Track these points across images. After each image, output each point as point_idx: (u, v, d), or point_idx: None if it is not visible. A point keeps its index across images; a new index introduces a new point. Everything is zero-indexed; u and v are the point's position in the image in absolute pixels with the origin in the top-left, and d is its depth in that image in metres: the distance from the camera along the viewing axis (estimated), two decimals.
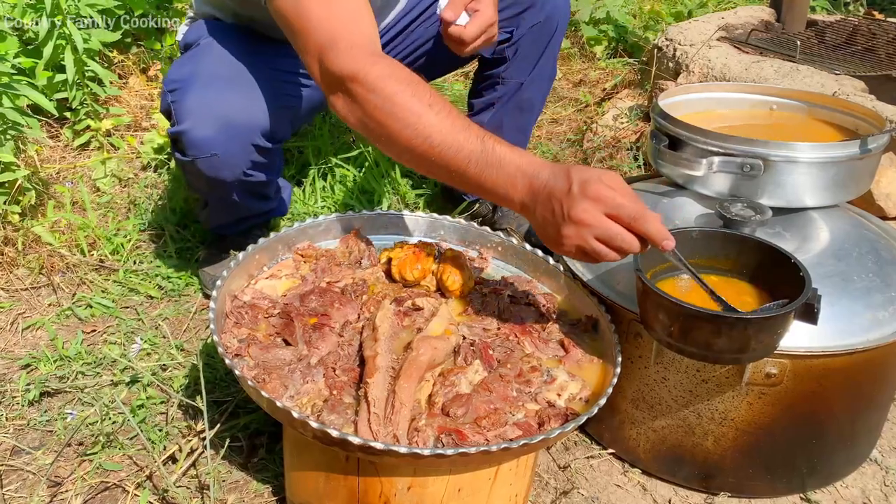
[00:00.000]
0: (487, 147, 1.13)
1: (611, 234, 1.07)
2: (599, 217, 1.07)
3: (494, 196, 1.15)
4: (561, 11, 1.73)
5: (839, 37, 2.54)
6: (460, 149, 1.13)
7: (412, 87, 1.15)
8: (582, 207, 1.06)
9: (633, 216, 1.06)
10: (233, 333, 1.19)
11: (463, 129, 1.14)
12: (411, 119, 1.13)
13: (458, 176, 1.15)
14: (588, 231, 1.07)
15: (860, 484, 1.39)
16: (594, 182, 1.06)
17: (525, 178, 1.11)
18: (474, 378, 1.16)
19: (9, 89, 1.85)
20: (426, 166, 1.17)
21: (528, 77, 1.78)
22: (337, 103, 1.21)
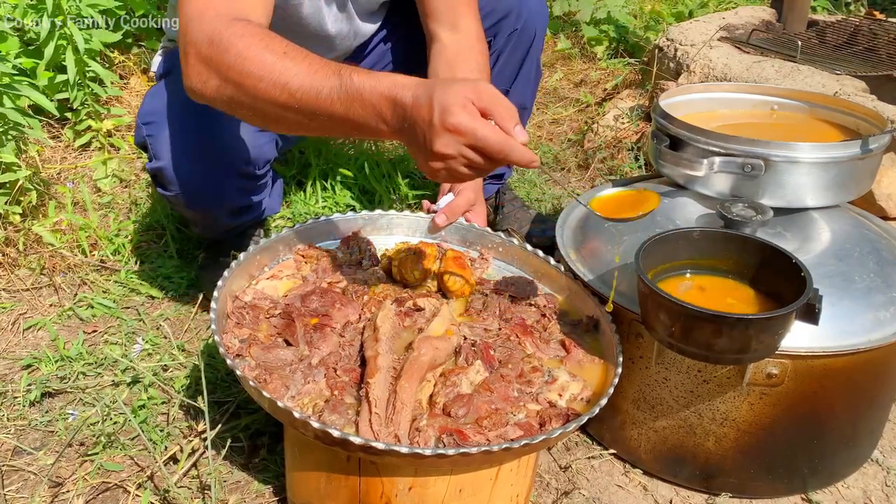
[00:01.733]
0: (345, 80, 1.05)
1: (475, 165, 1.02)
2: (462, 149, 1.00)
3: (368, 131, 1.08)
4: (538, 17, 1.74)
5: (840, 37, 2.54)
6: (321, 89, 1.05)
7: (265, 40, 1.09)
8: (443, 141, 0.99)
9: (497, 150, 1.00)
10: (234, 334, 1.19)
11: (319, 69, 1.07)
12: (264, 71, 1.07)
13: (326, 120, 1.08)
14: (454, 162, 1.02)
15: (861, 484, 1.39)
16: (454, 110, 0.98)
17: (389, 103, 1.03)
18: (475, 378, 1.17)
19: (10, 90, 1.85)
20: (295, 122, 1.10)
21: (511, 84, 1.79)
22: (192, 77, 1.14)
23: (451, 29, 1.57)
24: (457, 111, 0.98)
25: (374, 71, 1.07)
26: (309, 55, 1.09)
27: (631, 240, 1.38)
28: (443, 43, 1.58)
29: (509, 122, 1.02)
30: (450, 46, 1.57)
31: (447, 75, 1.55)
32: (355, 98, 1.04)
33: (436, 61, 1.58)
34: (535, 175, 2.42)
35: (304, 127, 1.12)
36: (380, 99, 1.04)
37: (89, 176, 2.23)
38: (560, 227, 1.52)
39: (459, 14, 1.56)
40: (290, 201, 2.14)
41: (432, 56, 1.59)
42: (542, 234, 1.96)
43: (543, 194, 2.34)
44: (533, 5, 1.72)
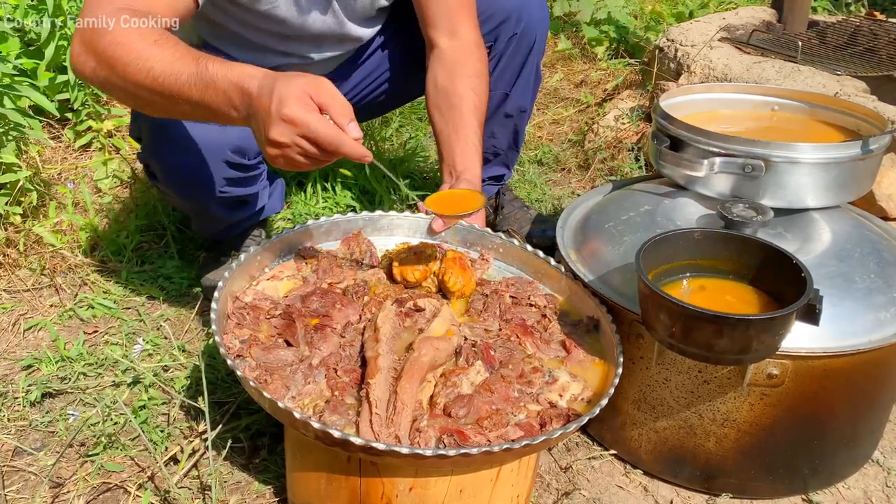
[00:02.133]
0: (201, 67, 1.12)
1: (309, 154, 1.08)
2: (295, 139, 1.06)
3: (222, 116, 1.14)
4: (538, 22, 1.74)
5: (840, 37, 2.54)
6: (180, 74, 1.12)
7: (141, 30, 1.17)
8: (278, 130, 1.06)
9: (329, 142, 1.06)
10: (234, 334, 1.19)
11: (181, 57, 1.14)
12: (132, 56, 1.15)
13: (185, 105, 1.15)
14: (289, 150, 1.08)
15: (862, 485, 1.39)
16: (291, 101, 1.05)
17: (238, 91, 1.10)
18: (476, 379, 1.17)
19: (10, 90, 1.85)
20: (160, 105, 1.18)
21: (512, 87, 1.80)
22: (74, 58, 1.22)
23: (450, 36, 1.58)
24: (292, 103, 1.05)
25: (229, 61, 1.14)
26: (179, 45, 1.17)
27: (631, 240, 1.38)
28: (441, 49, 1.59)
29: (343, 118, 1.08)
30: (448, 53, 1.58)
31: (446, 81, 1.56)
32: (209, 85, 1.11)
33: (434, 67, 1.60)
34: (535, 176, 2.42)
35: (170, 111, 1.20)
36: (230, 86, 1.10)
37: (90, 176, 2.24)
38: (560, 228, 1.52)
39: (458, 21, 1.58)
40: (291, 202, 2.15)
41: (431, 62, 1.61)
42: (542, 234, 1.96)
43: (544, 195, 2.34)
44: (534, 11, 1.73)
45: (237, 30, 1.57)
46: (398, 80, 1.82)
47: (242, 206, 1.69)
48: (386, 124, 2.60)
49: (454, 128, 1.55)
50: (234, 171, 1.53)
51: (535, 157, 2.57)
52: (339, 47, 1.68)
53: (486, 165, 1.95)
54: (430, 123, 1.63)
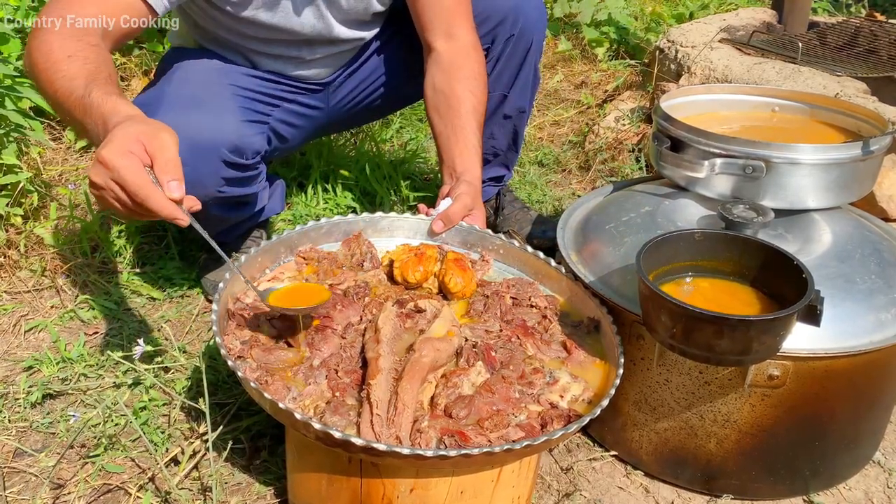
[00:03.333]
0: (87, 92, 1.16)
1: (121, 200, 1.06)
2: (109, 182, 1.05)
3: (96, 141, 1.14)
4: (535, 22, 1.75)
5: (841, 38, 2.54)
6: (70, 94, 1.17)
7: (64, 41, 1.23)
8: (95, 170, 1.05)
9: (134, 192, 1.04)
10: (235, 335, 1.19)
11: (76, 78, 1.18)
12: (48, 63, 1.21)
13: (75, 123, 1.20)
14: (105, 192, 1.06)
15: (863, 486, 1.39)
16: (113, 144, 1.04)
17: (102, 126, 1.12)
18: (477, 380, 1.17)
19: (11, 91, 1.85)
20: (61, 114, 1.23)
21: (510, 88, 1.80)
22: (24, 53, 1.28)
23: (447, 38, 1.59)
24: (113, 146, 1.05)
25: (116, 95, 1.16)
26: (88, 62, 1.22)
27: (632, 241, 1.38)
28: (439, 52, 1.60)
29: (164, 174, 1.06)
30: (445, 55, 1.59)
31: (444, 84, 1.57)
32: (88, 111, 1.16)
33: (432, 70, 1.61)
34: (536, 177, 2.42)
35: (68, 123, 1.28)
36: (99, 118, 1.15)
37: None
38: (561, 229, 1.52)
39: (454, 24, 1.58)
40: (292, 203, 2.15)
41: (429, 65, 1.61)
42: (542, 235, 1.96)
43: (544, 196, 2.34)
44: (530, 12, 1.73)
45: (225, 35, 1.57)
46: (397, 83, 1.82)
47: (242, 206, 1.69)
48: (386, 126, 2.61)
49: (453, 129, 1.55)
50: (232, 170, 1.53)
51: (535, 158, 2.57)
52: (332, 48, 1.68)
53: (486, 166, 1.95)
54: (430, 126, 1.63)
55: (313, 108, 1.77)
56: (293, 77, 1.68)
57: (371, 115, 2.02)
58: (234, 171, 1.54)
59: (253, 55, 1.63)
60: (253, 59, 1.64)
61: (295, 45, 1.62)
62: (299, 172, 2.24)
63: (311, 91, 1.74)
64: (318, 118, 1.80)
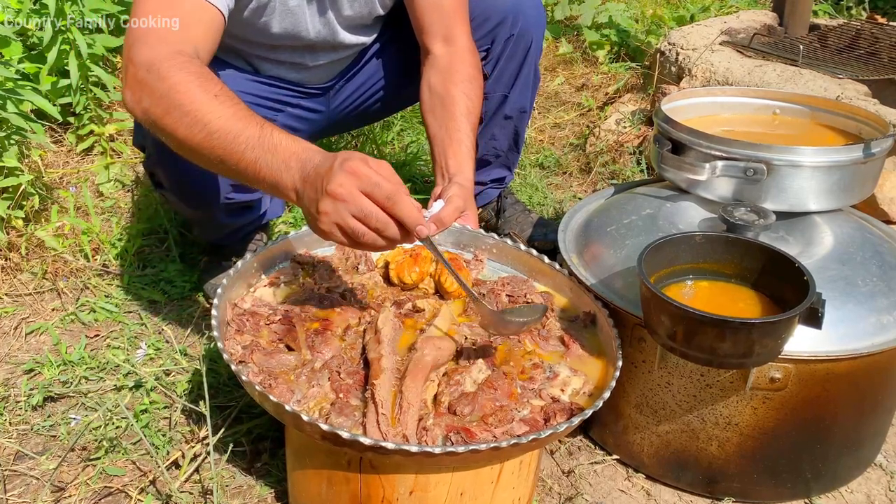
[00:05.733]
0: (265, 133, 1.11)
1: (365, 211, 1.04)
2: (354, 192, 1.04)
3: (269, 183, 1.12)
4: (534, 23, 1.75)
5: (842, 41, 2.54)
6: (238, 135, 1.12)
7: (201, 79, 1.16)
8: (338, 181, 1.03)
9: (388, 195, 1.04)
10: (236, 340, 1.19)
11: (244, 118, 1.13)
12: (191, 107, 1.13)
13: (235, 163, 1.13)
14: (344, 206, 1.04)
15: (865, 489, 1.39)
16: (354, 159, 1.05)
17: (299, 162, 1.09)
18: (478, 377, 1.17)
19: (13, 94, 1.85)
20: (206, 157, 1.16)
21: (510, 89, 1.80)
22: (126, 93, 1.20)
23: (445, 42, 1.60)
24: (357, 160, 1.05)
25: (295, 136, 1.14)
26: (239, 102, 1.16)
27: (633, 244, 1.38)
28: (436, 55, 1.61)
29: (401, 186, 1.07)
30: (443, 59, 1.60)
31: (440, 86, 1.58)
32: (269, 150, 1.11)
33: (429, 73, 1.61)
34: (536, 179, 2.42)
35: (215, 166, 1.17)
36: (290, 156, 1.10)
37: (92, 180, 2.24)
38: (562, 231, 1.52)
39: (452, 28, 1.59)
40: (292, 205, 2.15)
41: (426, 68, 1.62)
42: (544, 237, 1.96)
43: (545, 198, 2.34)
44: (529, 12, 1.74)
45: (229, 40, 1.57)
46: (394, 86, 1.82)
47: (247, 211, 1.69)
48: (387, 128, 2.61)
49: (447, 131, 1.56)
50: None
51: (536, 160, 2.57)
52: (334, 54, 1.68)
53: (486, 168, 1.95)
54: (425, 127, 1.64)
55: (314, 111, 1.77)
56: (294, 82, 1.68)
57: (371, 118, 2.02)
58: None
59: (255, 60, 1.63)
60: (255, 64, 1.64)
61: (299, 51, 1.62)
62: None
63: (312, 95, 1.74)
64: (319, 121, 1.80)
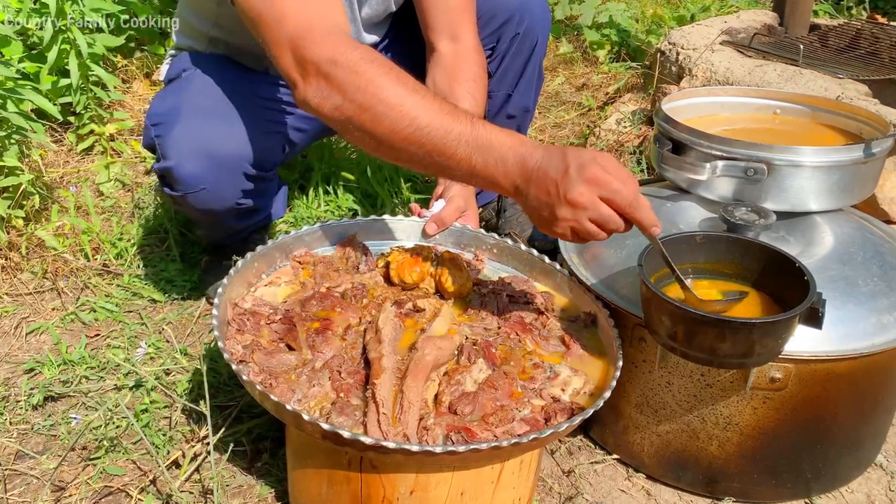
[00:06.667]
0: (478, 129, 1.11)
1: (604, 218, 1.09)
2: (594, 200, 1.08)
3: (485, 180, 1.13)
4: (539, 22, 1.75)
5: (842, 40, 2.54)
6: (449, 130, 1.10)
7: (395, 72, 1.14)
8: (578, 190, 1.07)
9: (629, 202, 1.08)
10: (236, 340, 1.19)
11: (451, 112, 1.12)
12: (395, 101, 1.11)
13: (445, 160, 1.12)
14: (583, 213, 1.08)
15: (865, 489, 1.39)
16: (591, 164, 1.07)
17: (518, 158, 1.10)
18: (479, 376, 1.17)
19: (13, 94, 1.85)
20: (409, 154, 1.13)
21: (514, 88, 1.80)
22: (309, 92, 1.16)
23: (451, 40, 1.60)
24: (593, 165, 1.07)
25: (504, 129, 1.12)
26: (437, 95, 1.16)
27: (634, 244, 1.38)
28: (441, 53, 1.60)
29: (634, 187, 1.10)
30: (448, 57, 1.60)
31: (444, 85, 1.58)
32: (484, 147, 1.10)
33: (433, 71, 1.61)
34: None
35: (418, 162, 1.15)
36: (508, 152, 1.10)
37: (92, 180, 2.24)
38: None
39: (458, 26, 1.59)
40: (293, 205, 2.15)
41: (430, 66, 1.62)
42: (544, 237, 1.95)
43: None
44: (535, 11, 1.73)
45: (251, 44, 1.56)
46: None
47: (253, 214, 1.69)
48: None
49: None
50: (252, 182, 1.53)
51: None
52: None
53: None
54: None
55: None
56: None
57: None
58: (254, 182, 1.54)
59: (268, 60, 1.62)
60: (266, 64, 1.63)
61: None
62: (301, 175, 2.24)
63: None
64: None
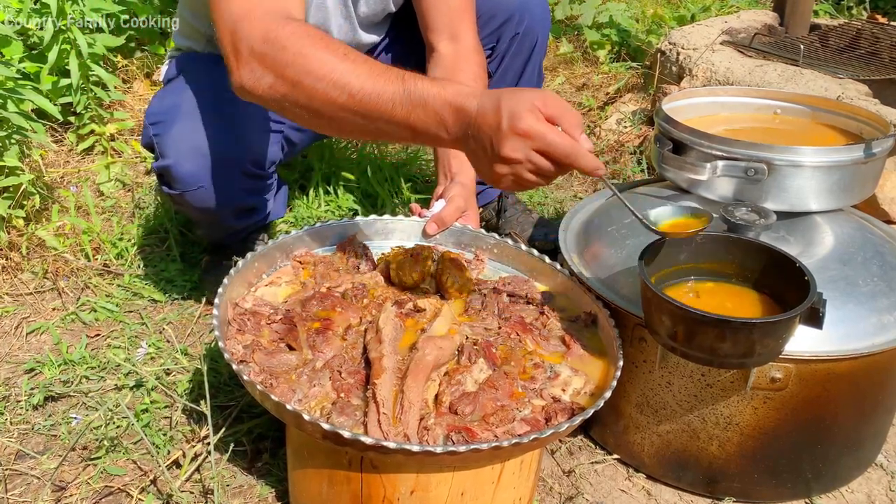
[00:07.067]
0: (409, 86, 1.07)
1: (542, 170, 1.05)
2: (529, 154, 1.03)
3: (426, 136, 1.09)
4: (539, 22, 1.75)
5: (842, 40, 2.54)
6: (382, 92, 1.07)
7: (324, 41, 1.10)
8: (511, 146, 1.02)
9: (565, 154, 1.03)
10: (237, 340, 1.19)
11: (381, 73, 1.08)
12: (325, 70, 1.07)
13: (384, 124, 1.09)
14: (520, 167, 1.04)
15: (866, 489, 1.39)
16: (524, 116, 1.01)
17: (453, 111, 1.05)
18: (479, 377, 1.17)
19: (13, 94, 1.85)
20: (351, 124, 1.11)
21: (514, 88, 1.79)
22: (244, 76, 1.13)
23: (450, 40, 1.60)
24: (526, 116, 1.01)
25: (436, 79, 1.08)
26: (368, 59, 1.11)
27: (634, 244, 1.38)
28: (441, 54, 1.60)
29: (576, 129, 1.04)
30: (448, 57, 1.60)
31: None
32: (418, 104, 1.06)
33: (433, 71, 1.61)
34: None
35: (359, 129, 1.13)
36: (444, 106, 1.06)
37: (92, 180, 2.24)
38: (563, 231, 1.52)
39: (458, 26, 1.59)
40: (293, 205, 2.15)
41: (430, 66, 1.62)
42: (544, 238, 1.96)
43: (546, 198, 2.34)
44: (535, 11, 1.73)
45: None
46: None
47: (253, 213, 1.70)
48: None
49: None
50: (251, 181, 1.53)
51: None
52: None
53: None
54: None
55: None
56: None
57: None
58: (252, 181, 1.54)
59: None
60: None
61: None
62: (301, 175, 2.24)
63: None
64: None
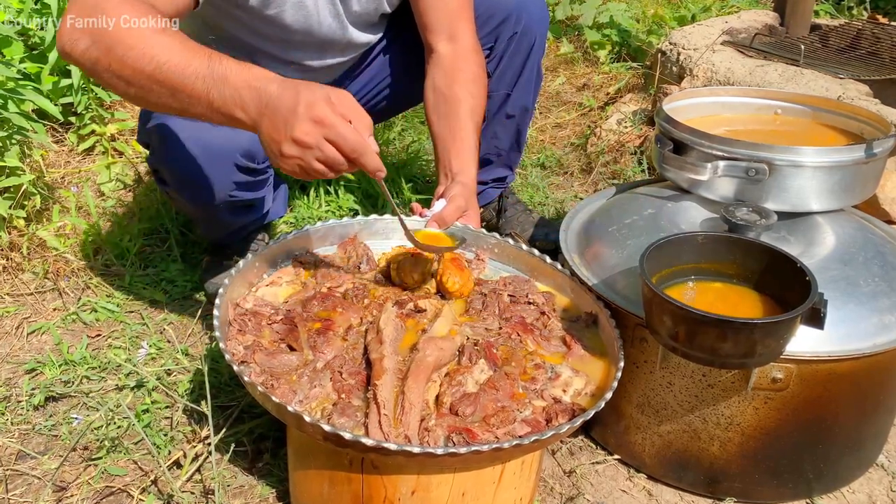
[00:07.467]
0: (214, 63, 1.10)
1: (330, 160, 1.09)
2: (320, 141, 1.07)
3: (224, 115, 1.11)
4: (537, 21, 1.75)
5: (843, 41, 2.54)
6: (187, 66, 1.09)
7: (144, 14, 1.13)
8: (304, 129, 1.06)
9: (352, 147, 1.08)
10: (238, 340, 1.19)
11: (191, 49, 1.11)
12: (136, 41, 1.10)
13: (186, 98, 1.11)
14: (309, 153, 1.08)
15: (867, 489, 1.39)
16: (320, 104, 1.06)
17: (253, 91, 1.09)
18: (480, 377, 1.17)
19: (14, 94, 1.85)
20: (156, 94, 1.12)
21: (513, 87, 1.81)
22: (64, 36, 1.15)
23: (449, 40, 1.60)
24: (322, 105, 1.06)
25: (244, 62, 1.12)
26: (185, 38, 1.14)
27: (635, 244, 1.38)
28: (440, 54, 1.61)
29: (366, 130, 1.10)
30: (447, 57, 1.60)
31: (444, 85, 1.58)
32: (219, 80, 1.09)
33: (433, 72, 1.61)
34: (538, 179, 2.42)
35: (166, 103, 1.14)
36: (243, 85, 1.09)
37: (93, 180, 2.24)
38: (564, 232, 1.52)
39: (456, 27, 1.59)
40: (294, 205, 2.15)
41: (430, 67, 1.62)
42: (545, 237, 1.96)
43: (546, 198, 2.34)
44: (533, 10, 1.74)
45: (238, 34, 1.56)
46: (398, 86, 1.82)
47: (249, 210, 1.69)
48: (388, 128, 2.61)
49: (450, 130, 1.56)
50: (243, 175, 1.53)
51: (537, 160, 2.57)
52: (342, 55, 1.68)
53: (488, 167, 1.95)
54: (428, 126, 1.64)
55: None
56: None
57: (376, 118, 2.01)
58: (245, 175, 1.54)
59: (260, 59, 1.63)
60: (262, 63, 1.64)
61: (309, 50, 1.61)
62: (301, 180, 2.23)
63: None
64: None
